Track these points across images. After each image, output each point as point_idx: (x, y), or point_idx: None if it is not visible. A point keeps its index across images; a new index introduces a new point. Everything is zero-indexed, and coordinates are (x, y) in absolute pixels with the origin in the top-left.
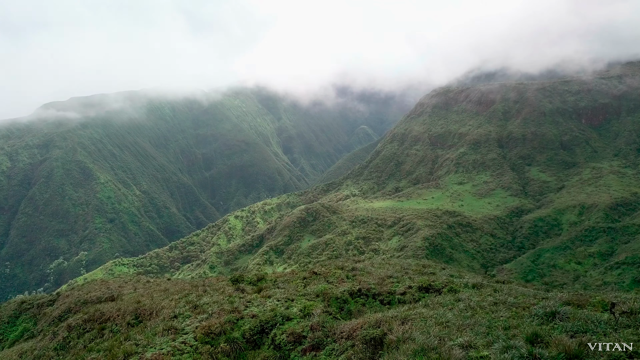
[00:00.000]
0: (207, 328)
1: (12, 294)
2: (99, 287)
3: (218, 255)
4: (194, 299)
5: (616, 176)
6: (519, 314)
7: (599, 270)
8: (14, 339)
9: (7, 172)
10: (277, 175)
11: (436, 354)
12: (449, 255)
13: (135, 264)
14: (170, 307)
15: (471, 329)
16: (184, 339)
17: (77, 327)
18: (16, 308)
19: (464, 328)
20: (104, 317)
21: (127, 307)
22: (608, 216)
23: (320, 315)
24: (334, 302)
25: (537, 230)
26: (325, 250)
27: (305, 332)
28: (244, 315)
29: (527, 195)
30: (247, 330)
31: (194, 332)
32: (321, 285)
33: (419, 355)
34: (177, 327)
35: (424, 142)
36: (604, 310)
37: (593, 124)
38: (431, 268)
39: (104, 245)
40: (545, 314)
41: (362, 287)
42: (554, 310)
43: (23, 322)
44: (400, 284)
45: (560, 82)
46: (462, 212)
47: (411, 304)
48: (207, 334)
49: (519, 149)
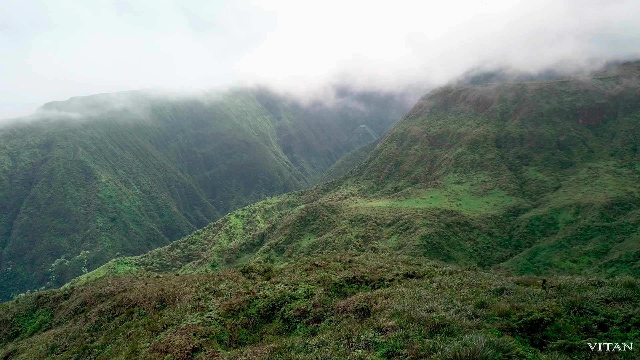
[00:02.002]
0: (228, 306)
1: (14, 292)
2: (112, 282)
3: (219, 253)
4: (212, 286)
5: (612, 176)
6: (477, 290)
7: (593, 269)
8: (32, 330)
9: (9, 171)
10: (277, 175)
11: (407, 315)
12: (447, 254)
13: (137, 263)
14: (191, 292)
15: (437, 300)
16: (210, 314)
17: (107, 312)
18: (33, 302)
19: (432, 300)
20: (132, 302)
21: (152, 294)
22: (603, 215)
23: (320, 296)
24: (332, 287)
25: (534, 229)
26: (325, 248)
27: (308, 309)
28: (257, 296)
29: (524, 195)
30: (261, 308)
31: (217, 310)
32: (321, 273)
33: (394, 317)
34: (203, 305)
35: (422, 142)
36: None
37: (590, 124)
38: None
39: (106, 244)
40: (497, 290)
41: (357, 275)
42: (503, 287)
43: (40, 315)
44: (389, 273)
45: (558, 82)
46: (460, 211)
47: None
48: (229, 310)
49: (517, 148)
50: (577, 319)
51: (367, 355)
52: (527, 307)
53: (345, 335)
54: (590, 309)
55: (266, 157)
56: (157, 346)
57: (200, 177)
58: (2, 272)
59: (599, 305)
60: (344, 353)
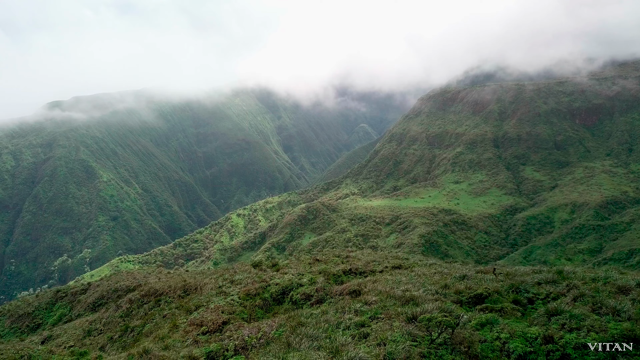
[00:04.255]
0: (247, 291)
1: (17, 290)
2: (126, 277)
3: (222, 252)
4: (229, 277)
5: (608, 175)
6: (445, 277)
7: (587, 266)
8: (53, 322)
9: (12, 170)
10: (278, 174)
11: (387, 294)
12: (445, 252)
13: (140, 261)
14: (211, 283)
15: (412, 284)
16: (232, 298)
17: (136, 300)
18: (52, 296)
19: (408, 284)
20: (158, 292)
21: (176, 284)
22: (598, 214)
23: (322, 283)
24: (331, 277)
25: (530, 227)
26: (325, 247)
27: (312, 293)
28: (270, 283)
29: (521, 194)
30: (273, 293)
31: (238, 294)
32: (322, 266)
33: (378, 295)
34: (225, 291)
35: (421, 142)
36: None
37: (587, 124)
38: (406, 256)
39: (107, 242)
40: (460, 276)
41: (352, 268)
42: (465, 274)
43: (60, 308)
44: (380, 265)
45: (555, 83)
46: (458, 210)
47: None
48: (247, 295)
49: (514, 148)
50: (513, 295)
51: (356, 317)
52: (476, 287)
53: (341, 307)
54: (524, 289)
55: (266, 156)
56: (193, 321)
57: (201, 176)
58: (5, 270)
59: (532, 287)
60: (339, 317)
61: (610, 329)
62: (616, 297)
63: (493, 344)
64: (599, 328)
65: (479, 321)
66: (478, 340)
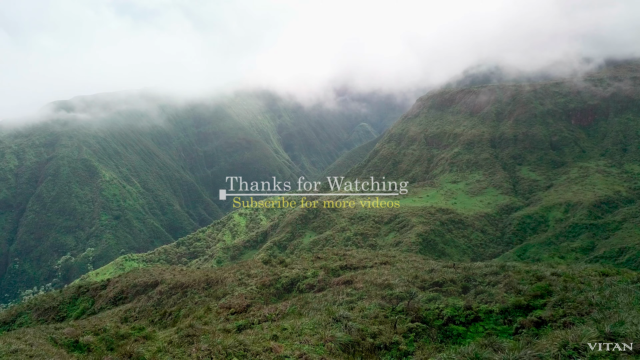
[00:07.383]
0: (262, 282)
1: (22, 289)
2: (143, 274)
3: (224, 250)
4: (245, 271)
5: (602, 175)
6: (418, 270)
7: (579, 264)
8: (76, 315)
9: (15, 170)
10: (278, 173)
11: (371, 282)
12: (441, 250)
13: (144, 259)
14: (230, 276)
15: (391, 275)
16: (251, 288)
17: (165, 292)
18: (75, 291)
19: (389, 275)
20: (184, 285)
21: (200, 278)
22: (591, 213)
23: (322, 276)
24: (330, 271)
25: (525, 226)
26: (325, 245)
27: (315, 283)
28: (280, 276)
29: (517, 194)
30: (284, 283)
31: (255, 285)
32: (323, 263)
33: (364, 283)
34: (245, 282)
35: (420, 142)
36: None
37: (582, 124)
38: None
39: (110, 241)
40: (429, 270)
41: (348, 264)
42: (433, 268)
43: (82, 302)
44: (371, 262)
45: (551, 84)
46: (455, 209)
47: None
48: (263, 285)
49: (511, 149)
50: (463, 283)
51: (347, 298)
52: (437, 277)
53: (337, 292)
54: (473, 278)
55: (267, 155)
56: (223, 305)
57: (202, 175)
58: (9, 268)
59: (479, 277)
60: (335, 298)
61: (508, 301)
62: (532, 283)
63: (433, 311)
64: (502, 300)
65: (427, 297)
66: (424, 308)
